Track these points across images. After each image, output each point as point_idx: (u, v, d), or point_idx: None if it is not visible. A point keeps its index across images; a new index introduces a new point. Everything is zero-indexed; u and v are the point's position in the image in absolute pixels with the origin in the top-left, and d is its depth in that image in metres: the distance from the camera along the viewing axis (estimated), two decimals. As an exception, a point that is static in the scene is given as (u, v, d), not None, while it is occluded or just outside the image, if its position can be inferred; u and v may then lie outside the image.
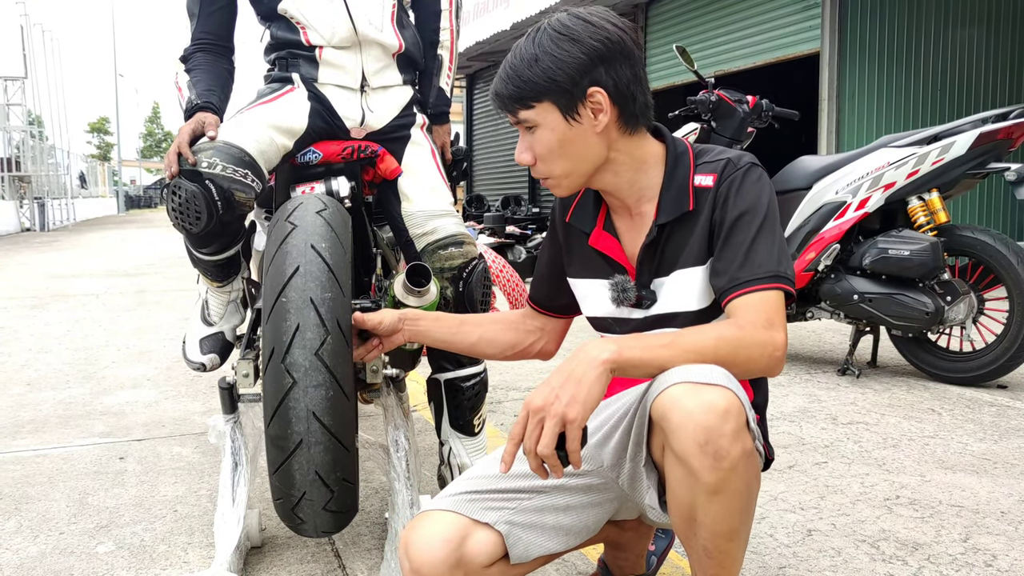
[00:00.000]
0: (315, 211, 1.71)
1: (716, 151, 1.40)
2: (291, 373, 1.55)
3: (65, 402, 3.56)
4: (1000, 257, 3.47)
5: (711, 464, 1.12)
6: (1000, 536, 2.07)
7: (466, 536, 1.32)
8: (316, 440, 1.55)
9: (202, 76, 2.14)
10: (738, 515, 1.18)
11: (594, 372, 1.14)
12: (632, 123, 1.35)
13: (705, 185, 1.37)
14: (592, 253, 1.48)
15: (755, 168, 1.36)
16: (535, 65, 1.30)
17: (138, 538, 2.14)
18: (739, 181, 1.34)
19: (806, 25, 7.60)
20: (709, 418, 1.12)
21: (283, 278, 1.60)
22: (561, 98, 1.30)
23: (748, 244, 1.29)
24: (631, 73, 1.32)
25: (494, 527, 1.34)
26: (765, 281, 1.27)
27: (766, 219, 1.31)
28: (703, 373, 1.15)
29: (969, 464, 2.61)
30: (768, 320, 1.24)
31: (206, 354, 2.30)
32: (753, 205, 1.32)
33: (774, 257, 1.28)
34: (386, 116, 2.23)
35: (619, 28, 1.32)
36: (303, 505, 1.61)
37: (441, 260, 2.17)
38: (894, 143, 3.72)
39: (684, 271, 1.38)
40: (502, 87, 1.34)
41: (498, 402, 3.45)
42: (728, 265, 1.30)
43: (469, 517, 1.33)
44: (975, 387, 3.60)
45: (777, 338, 1.23)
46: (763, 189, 1.34)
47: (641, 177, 1.40)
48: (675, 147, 1.41)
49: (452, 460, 2.28)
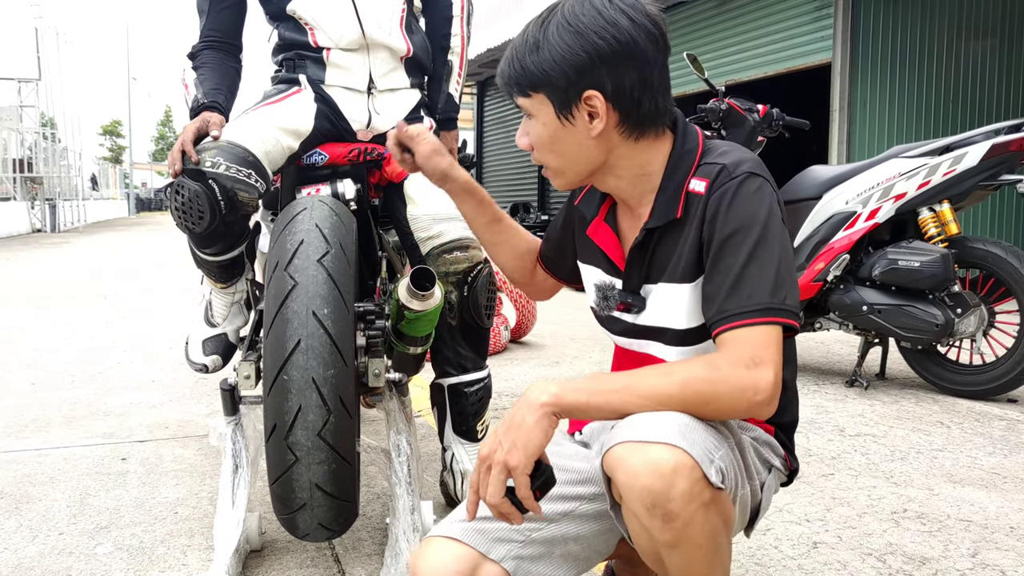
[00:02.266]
0: (316, 259, 1.67)
1: (720, 151, 1.26)
2: (293, 452, 1.58)
3: (70, 402, 3.55)
4: (1011, 270, 3.44)
5: (661, 525, 1.06)
6: (1009, 552, 2.04)
7: (474, 569, 1.25)
8: (319, 503, 1.62)
9: (209, 74, 2.13)
10: (704, 563, 1.11)
11: (533, 417, 1.09)
12: (637, 129, 1.24)
13: (697, 191, 1.23)
14: (589, 242, 1.41)
15: (753, 178, 1.20)
16: (535, 53, 1.21)
17: (137, 540, 2.12)
18: (731, 194, 1.19)
19: (818, 36, 7.57)
20: (654, 482, 1.04)
21: (284, 352, 1.59)
22: (555, 95, 1.21)
23: (738, 270, 1.15)
24: (638, 77, 1.19)
25: (501, 564, 1.27)
26: (754, 315, 1.13)
27: (761, 239, 1.16)
28: (650, 428, 1.07)
29: (978, 478, 2.58)
30: (752, 359, 1.10)
31: (209, 355, 2.29)
32: (746, 223, 1.17)
33: (767, 285, 1.14)
34: (393, 118, 2.22)
35: (635, 24, 1.18)
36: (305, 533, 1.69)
37: (446, 264, 2.16)
38: (905, 154, 3.70)
39: (671, 286, 1.27)
40: (505, 67, 1.26)
41: (502, 408, 3.43)
42: (716, 293, 1.17)
43: (477, 550, 1.26)
44: (985, 401, 3.56)
45: (761, 380, 1.09)
46: (761, 202, 1.18)
47: (644, 180, 1.29)
48: (683, 145, 1.28)
49: (455, 466, 2.26)
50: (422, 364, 2.38)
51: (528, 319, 5.01)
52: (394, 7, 2.19)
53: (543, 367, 4.33)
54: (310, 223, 1.73)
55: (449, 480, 2.29)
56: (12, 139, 21.65)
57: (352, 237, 1.82)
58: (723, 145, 1.28)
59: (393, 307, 2.02)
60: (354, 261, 1.80)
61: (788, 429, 1.40)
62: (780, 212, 1.21)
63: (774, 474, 1.35)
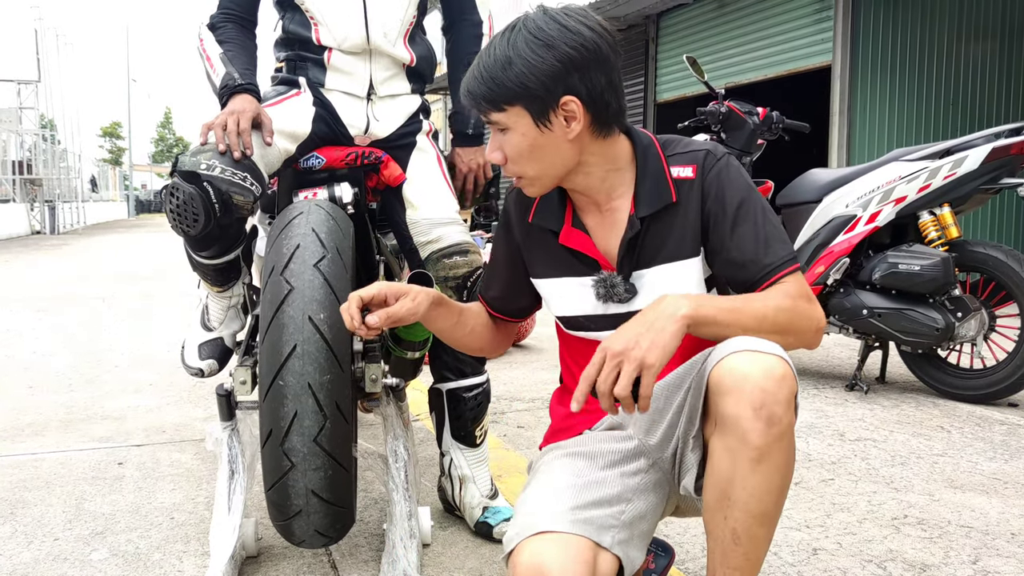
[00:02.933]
0: (313, 263, 1.66)
1: (682, 142, 1.41)
2: (289, 457, 1.57)
3: (66, 406, 3.54)
4: (1012, 273, 3.42)
5: (763, 428, 1.15)
6: (1010, 559, 2.03)
7: (595, 560, 1.25)
8: (315, 510, 1.61)
9: (238, 52, 2.10)
10: (775, 494, 1.19)
11: (674, 325, 1.18)
12: (605, 128, 1.35)
13: (685, 176, 1.38)
14: (562, 251, 1.45)
15: (731, 158, 1.39)
16: (508, 68, 1.28)
17: (133, 545, 2.11)
18: (725, 171, 1.36)
19: (818, 38, 7.56)
20: (767, 382, 1.16)
21: (280, 357, 1.58)
22: (533, 104, 1.29)
23: (762, 232, 1.32)
24: (606, 80, 1.30)
25: (612, 551, 1.28)
26: (789, 264, 1.31)
27: (762, 204, 1.35)
28: (762, 343, 1.20)
29: (979, 484, 2.56)
30: (808, 296, 1.30)
31: (205, 360, 2.28)
32: (747, 194, 1.35)
33: (783, 240, 1.34)
34: (392, 125, 2.21)
35: (595, 33, 1.29)
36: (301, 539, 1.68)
37: (445, 268, 2.15)
38: (905, 157, 3.69)
39: (673, 264, 1.38)
40: (475, 86, 1.32)
41: (501, 413, 3.41)
42: (750, 254, 1.32)
43: (591, 540, 1.26)
44: (985, 405, 3.55)
45: (818, 312, 1.30)
46: (746, 176, 1.38)
47: (612, 175, 1.40)
48: (641, 141, 1.41)
49: (453, 471, 2.25)
50: (420, 369, 2.37)
51: (527, 322, 5.00)
52: (404, 18, 2.17)
53: (542, 371, 4.32)
54: (306, 227, 1.72)
55: (447, 485, 2.27)
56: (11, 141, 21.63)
57: (349, 241, 1.81)
58: (678, 138, 1.44)
59: (390, 311, 2.00)
60: (351, 265, 1.79)
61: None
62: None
63: None
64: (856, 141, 7.37)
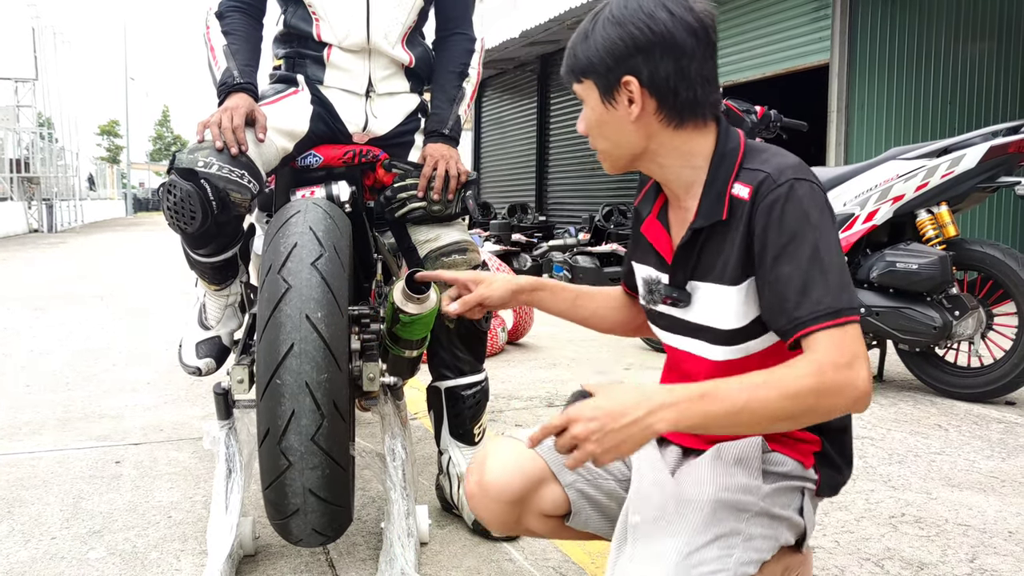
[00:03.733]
0: (310, 262, 1.66)
1: (763, 155, 1.29)
2: (287, 456, 1.57)
3: (64, 404, 3.53)
4: (1010, 272, 3.43)
5: None
6: (1008, 557, 2.03)
7: (541, 481, 1.38)
8: (312, 508, 1.62)
9: (241, 45, 2.11)
10: None
11: (641, 437, 1.12)
12: (676, 117, 1.29)
13: (741, 196, 1.27)
14: (642, 240, 1.46)
15: (799, 184, 1.22)
16: (585, 42, 1.30)
17: (130, 544, 2.11)
18: (781, 204, 1.22)
19: (816, 36, 7.56)
20: None
21: (277, 356, 1.58)
22: (600, 80, 1.30)
23: (803, 277, 1.18)
24: (675, 67, 1.25)
25: (565, 489, 1.39)
26: (826, 318, 1.15)
27: (817, 244, 1.19)
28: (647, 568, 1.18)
29: (976, 482, 2.57)
30: (848, 360, 1.13)
31: (202, 358, 2.28)
32: (798, 230, 1.20)
33: (832, 287, 1.17)
34: (390, 123, 2.21)
35: (674, 17, 1.24)
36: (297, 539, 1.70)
37: (444, 267, 2.15)
38: (903, 155, 3.69)
39: (717, 286, 1.31)
40: (566, 55, 1.35)
41: (499, 411, 3.41)
42: (784, 301, 1.19)
43: (550, 467, 1.38)
44: (983, 403, 3.55)
45: (859, 378, 1.13)
46: (810, 206, 1.21)
47: (687, 172, 1.34)
48: (725, 143, 1.32)
49: (451, 469, 2.25)
50: (418, 367, 2.36)
51: (525, 321, 5.00)
52: (405, 21, 2.17)
53: (540, 369, 4.32)
54: (304, 226, 1.72)
55: (445, 484, 2.27)
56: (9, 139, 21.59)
57: (346, 240, 1.81)
58: (764, 149, 1.31)
59: (388, 310, 2.01)
60: (348, 264, 1.79)
61: (838, 435, 1.38)
62: (829, 212, 1.24)
63: (807, 496, 1.36)
64: (854, 139, 7.38)
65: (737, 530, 1.23)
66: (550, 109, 13.65)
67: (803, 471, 1.34)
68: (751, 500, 1.26)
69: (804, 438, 1.35)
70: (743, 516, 1.25)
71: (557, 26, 10.50)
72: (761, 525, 1.27)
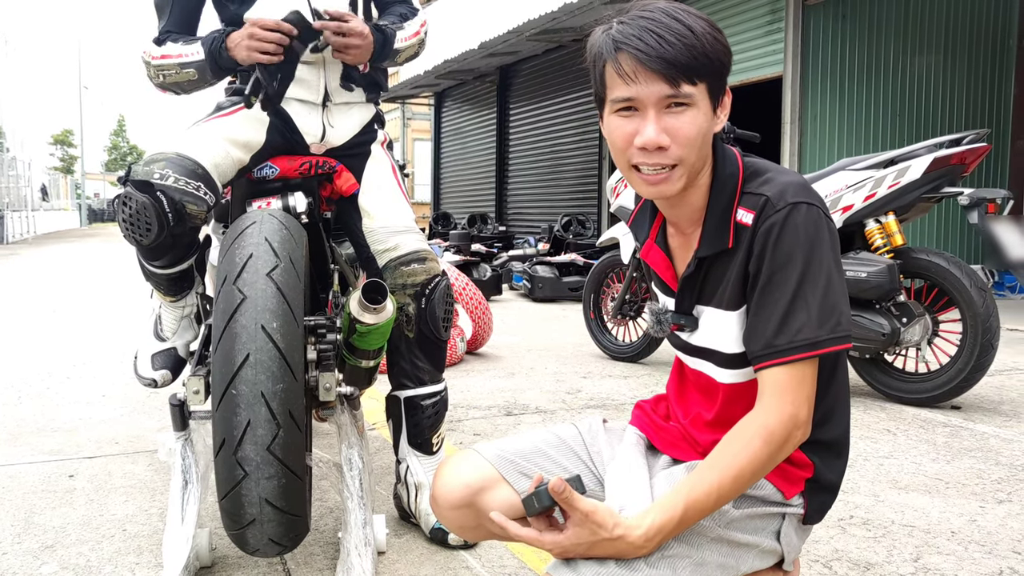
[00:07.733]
0: (266, 272, 1.66)
1: (763, 177, 1.26)
2: (243, 466, 1.58)
3: (15, 418, 3.48)
4: (954, 279, 3.52)
5: None
6: (950, 556, 2.09)
7: (484, 488, 1.37)
8: (269, 518, 1.62)
9: (191, 37, 2.12)
10: None
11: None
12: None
13: (744, 222, 1.24)
14: (644, 265, 1.44)
15: (798, 207, 1.20)
16: (701, 40, 1.15)
17: (84, 558, 2.09)
18: (778, 228, 1.19)
19: (770, 50, 7.71)
20: None
21: (233, 366, 1.59)
22: (716, 84, 1.20)
23: (785, 306, 1.18)
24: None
25: (515, 488, 1.38)
26: (801, 350, 1.17)
27: (808, 271, 1.18)
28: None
29: (922, 484, 2.64)
30: (793, 401, 1.18)
31: (158, 370, 2.27)
32: (791, 256, 1.18)
33: (814, 318, 1.17)
34: (346, 132, 2.23)
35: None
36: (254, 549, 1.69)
37: (404, 276, 2.16)
38: (852, 166, 3.78)
39: (718, 311, 1.30)
40: (671, 53, 1.14)
41: (458, 420, 3.43)
42: (764, 328, 1.20)
43: (501, 475, 1.38)
44: (930, 408, 3.65)
45: (799, 415, 1.19)
46: (807, 230, 1.19)
47: (692, 193, 1.28)
48: (724, 165, 1.29)
49: (409, 478, 2.26)
50: (374, 377, 2.37)
51: (484, 331, 5.02)
52: None
53: (499, 378, 4.34)
54: (259, 237, 1.73)
55: (403, 493, 2.28)
56: (-42, 149, 21.16)
57: (302, 251, 1.82)
58: (764, 169, 1.28)
59: (345, 320, 2.02)
60: (304, 275, 1.80)
61: (831, 447, 1.37)
62: (827, 233, 1.21)
63: (788, 520, 1.34)
64: (807, 150, 7.53)
65: (686, 554, 1.22)
66: (509, 120, 13.71)
67: (781, 498, 1.32)
68: (708, 525, 1.24)
69: (798, 462, 1.33)
70: (696, 541, 1.23)
71: (515, 37, 10.55)
72: (718, 552, 1.25)
